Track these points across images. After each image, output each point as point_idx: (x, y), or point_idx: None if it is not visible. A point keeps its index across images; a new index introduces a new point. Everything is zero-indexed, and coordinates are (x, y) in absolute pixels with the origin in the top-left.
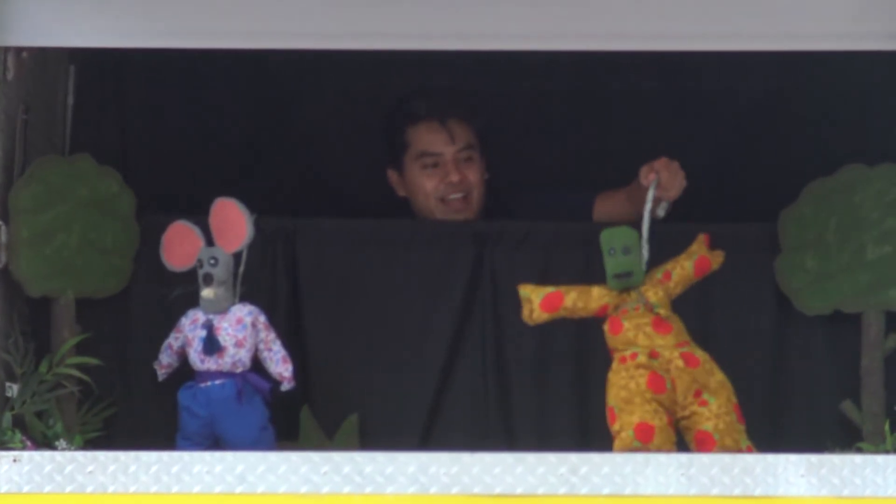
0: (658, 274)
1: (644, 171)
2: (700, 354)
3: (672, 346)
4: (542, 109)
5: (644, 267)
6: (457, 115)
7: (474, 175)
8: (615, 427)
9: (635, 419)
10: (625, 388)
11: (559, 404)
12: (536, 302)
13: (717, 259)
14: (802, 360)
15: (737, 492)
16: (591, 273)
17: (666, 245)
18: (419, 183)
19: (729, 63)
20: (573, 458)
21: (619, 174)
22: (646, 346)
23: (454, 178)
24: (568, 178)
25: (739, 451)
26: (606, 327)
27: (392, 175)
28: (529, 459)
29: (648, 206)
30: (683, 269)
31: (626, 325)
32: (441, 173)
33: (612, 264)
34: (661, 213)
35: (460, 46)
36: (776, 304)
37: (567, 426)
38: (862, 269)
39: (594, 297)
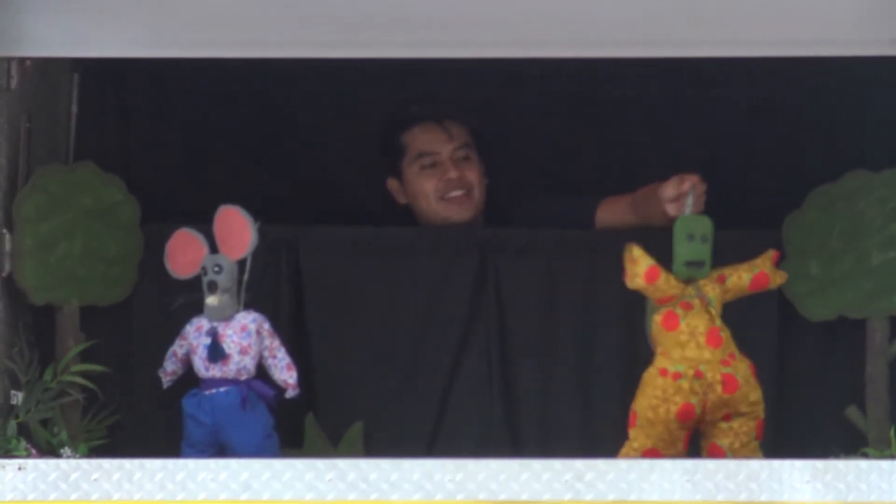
0: (714, 274)
1: (675, 181)
2: (741, 374)
3: (717, 364)
4: (543, 116)
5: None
6: (451, 115)
7: (473, 173)
8: (631, 433)
9: (649, 444)
10: (654, 409)
11: (564, 410)
12: (644, 268)
13: (777, 279)
14: (807, 366)
15: (742, 497)
16: (595, 281)
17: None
18: (419, 185)
19: (731, 69)
20: (578, 464)
21: (620, 180)
22: (693, 359)
23: (453, 174)
24: (569, 184)
25: None
26: (659, 319)
27: (392, 183)
28: (534, 466)
29: (688, 212)
30: (740, 278)
31: (683, 325)
32: (440, 172)
33: (688, 251)
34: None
35: (462, 54)
36: (780, 310)
37: (572, 432)
38: (866, 275)
39: (671, 283)
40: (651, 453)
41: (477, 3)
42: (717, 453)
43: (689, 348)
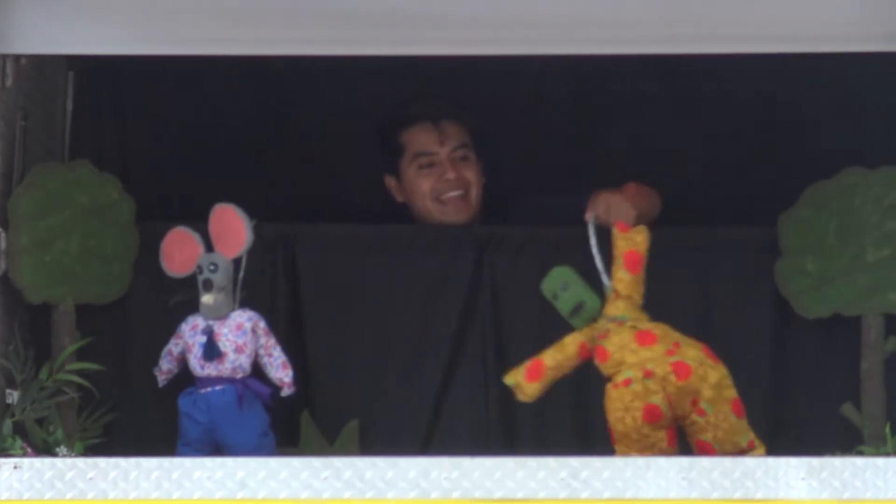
0: (610, 294)
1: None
2: (691, 359)
3: (662, 357)
4: (541, 113)
5: (605, 291)
6: (449, 115)
7: (471, 173)
8: (616, 448)
9: (633, 453)
10: (621, 421)
11: (560, 408)
12: (522, 379)
13: (638, 240)
14: (802, 364)
15: (738, 495)
16: (590, 278)
17: (673, 250)
18: (416, 184)
19: (727, 66)
20: (574, 462)
21: (618, 178)
22: (635, 363)
23: (450, 175)
24: (567, 181)
25: (741, 450)
26: (596, 360)
27: (390, 181)
28: (530, 464)
29: (593, 241)
30: (621, 279)
31: (610, 348)
32: (437, 172)
33: (561, 306)
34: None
35: (460, 52)
36: (776, 307)
37: (567, 430)
38: (862, 272)
39: (568, 344)
40: None
41: (476, 1)
42: (704, 447)
43: (626, 358)
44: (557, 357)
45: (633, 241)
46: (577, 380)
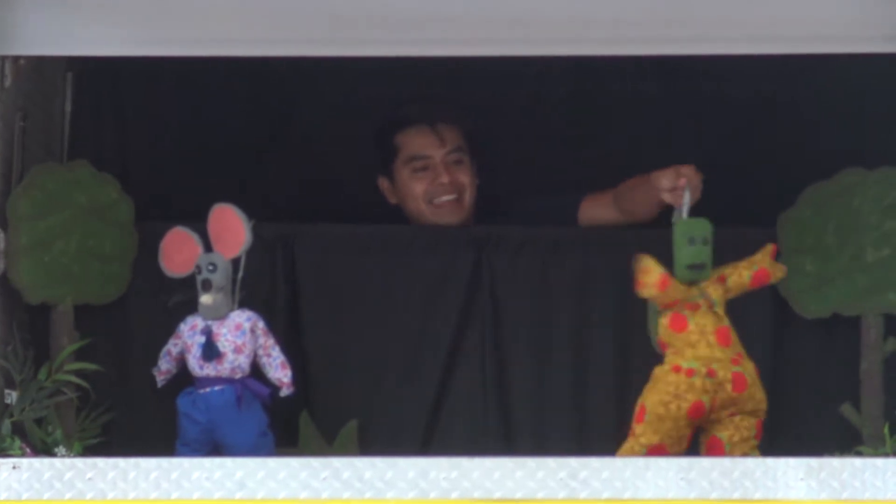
0: (714, 274)
1: (671, 173)
2: (749, 373)
3: (728, 362)
4: (539, 114)
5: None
6: (445, 119)
7: (464, 177)
8: (637, 429)
9: (656, 440)
10: (665, 405)
11: (559, 409)
12: (656, 277)
13: (777, 273)
14: (801, 364)
15: (736, 495)
16: (590, 278)
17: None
18: (410, 187)
19: (727, 66)
20: (573, 462)
21: (616, 178)
22: (705, 357)
23: (444, 179)
24: (564, 183)
25: None
26: (666, 322)
27: (383, 182)
28: (529, 464)
29: (686, 208)
30: (741, 276)
31: (692, 325)
32: (431, 176)
33: (690, 254)
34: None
35: (459, 52)
36: (775, 307)
37: (566, 430)
38: (861, 272)
39: (678, 288)
40: (657, 450)
41: (475, 2)
42: (715, 445)
43: (700, 347)
44: (672, 291)
45: (775, 271)
46: (576, 379)
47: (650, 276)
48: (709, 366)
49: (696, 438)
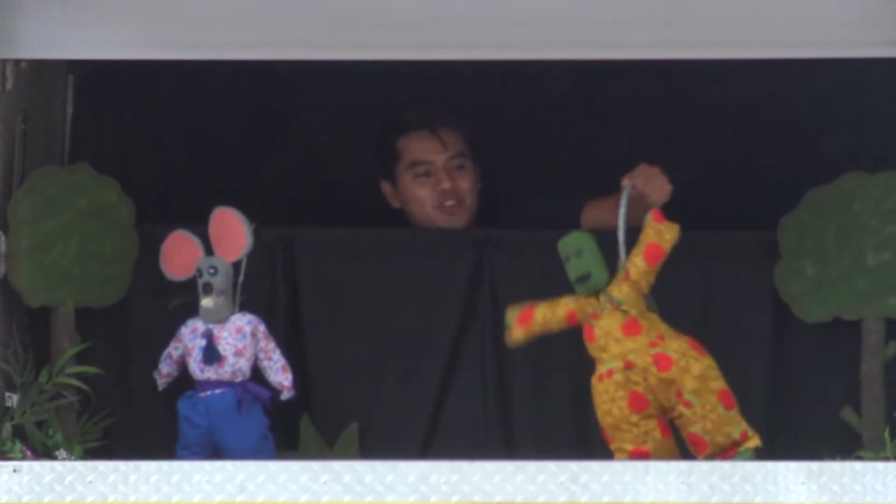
0: (621, 273)
1: (624, 178)
2: (673, 350)
3: (644, 349)
4: (539, 116)
5: (619, 265)
6: (447, 123)
7: (466, 183)
8: (612, 447)
9: (628, 445)
10: (609, 413)
11: (559, 412)
12: (514, 320)
13: (666, 237)
14: (802, 367)
15: (737, 499)
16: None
17: (673, 253)
18: (412, 192)
19: (727, 70)
20: (573, 466)
21: (616, 182)
22: (618, 353)
23: (446, 185)
24: (565, 185)
25: (734, 441)
26: (584, 337)
27: (385, 187)
28: (529, 468)
29: (622, 211)
30: (636, 265)
31: (597, 331)
32: (433, 181)
33: (570, 270)
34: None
35: (459, 56)
36: (776, 311)
37: (567, 434)
38: (862, 276)
39: (560, 305)
40: (637, 453)
41: (474, 4)
42: (695, 440)
43: (610, 347)
44: (546, 314)
45: (661, 236)
46: (576, 382)
47: (510, 325)
48: (624, 359)
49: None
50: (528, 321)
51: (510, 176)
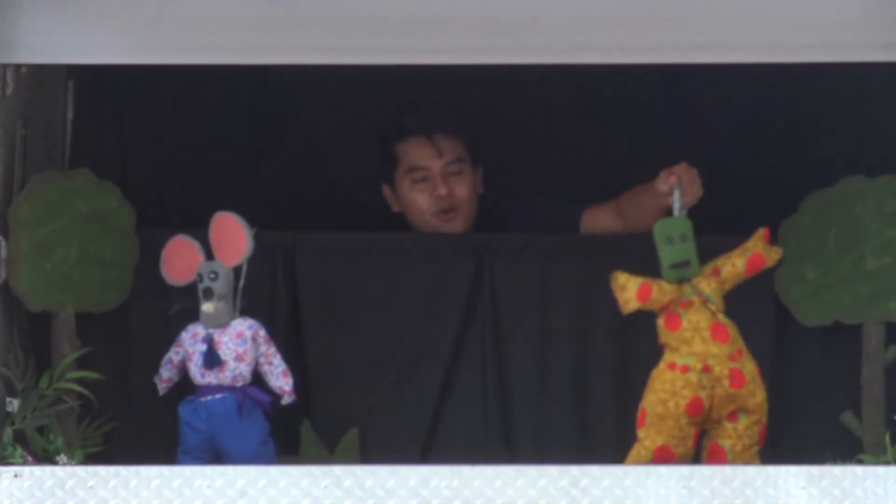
0: (708, 268)
1: (664, 175)
2: (748, 370)
3: (725, 359)
4: (539, 120)
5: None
6: (445, 129)
7: (463, 189)
8: (640, 433)
9: (660, 441)
10: (664, 403)
11: (560, 416)
12: (633, 291)
13: (773, 256)
14: (802, 371)
15: (738, 503)
16: (591, 284)
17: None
18: (411, 198)
19: (727, 73)
20: (574, 470)
21: (616, 184)
22: (700, 354)
23: (442, 191)
24: (565, 188)
25: None
26: (662, 322)
27: (386, 190)
28: (530, 472)
29: (677, 206)
30: (734, 265)
31: (685, 322)
32: (430, 187)
33: (670, 253)
34: (676, 212)
35: (459, 60)
36: (776, 314)
37: (568, 438)
38: (862, 280)
39: (666, 291)
40: (662, 451)
41: (475, 8)
42: (717, 453)
43: (694, 343)
44: (656, 295)
45: (769, 254)
46: (578, 386)
47: (628, 292)
48: (704, 361)
49: (699, 446)
50: (646, 296)
51: (510, 179)
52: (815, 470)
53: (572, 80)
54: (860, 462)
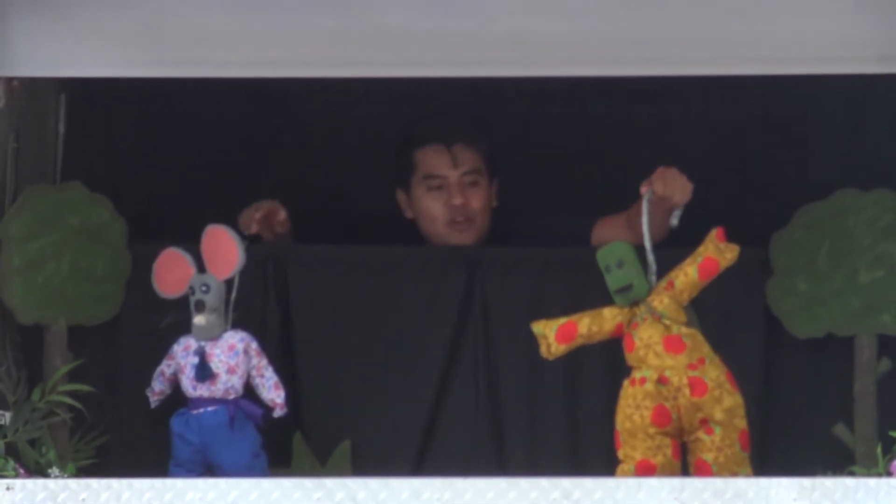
0: (663, 283)
1: (643, 184)
2: (711, 378)
3: (683, 369)
4: (535, 134)
5: (653, 277)
6: (464, 139)
7: (478, 200)
8: (620, 454)
9: (638, 455)
10: (629, 418)
11: (552, 428)
12: (552, 336)
13: (727, 256)
14: (794, 383)
15: None
16: (582, 297)
17: (666, 270)
18: (425, 205)
19: (720, 87)
20: (565, 482)
21: (611, 198)
22: (656, 367)
23: (457, 200)
24: (560, 202)
25: None
26: (624, 345)
27: (400, 195)
28: (522, 484)
29: (645, 218)
30: (686, 275)
31: (637, 341)
32: (445, 196)
33: (610, 281)
34: (674, 221)
35: (455, 73)
36: (768, 327)
37: (559, 451)
38: (854, 293)
39: (607, 318)
40: (643, 465)
41: (475, 22)
42: (703, 467)
43: (648, 358)
44: (592, 327)
45: (721, 253)
46: (569, 398)
47: (547, 338)
48: (661, 373)
49: (685, 462)
50: (570, 336)
51: (507, 193)
52: (806, 482)
53: (566, 95)
54: (852, 474)
